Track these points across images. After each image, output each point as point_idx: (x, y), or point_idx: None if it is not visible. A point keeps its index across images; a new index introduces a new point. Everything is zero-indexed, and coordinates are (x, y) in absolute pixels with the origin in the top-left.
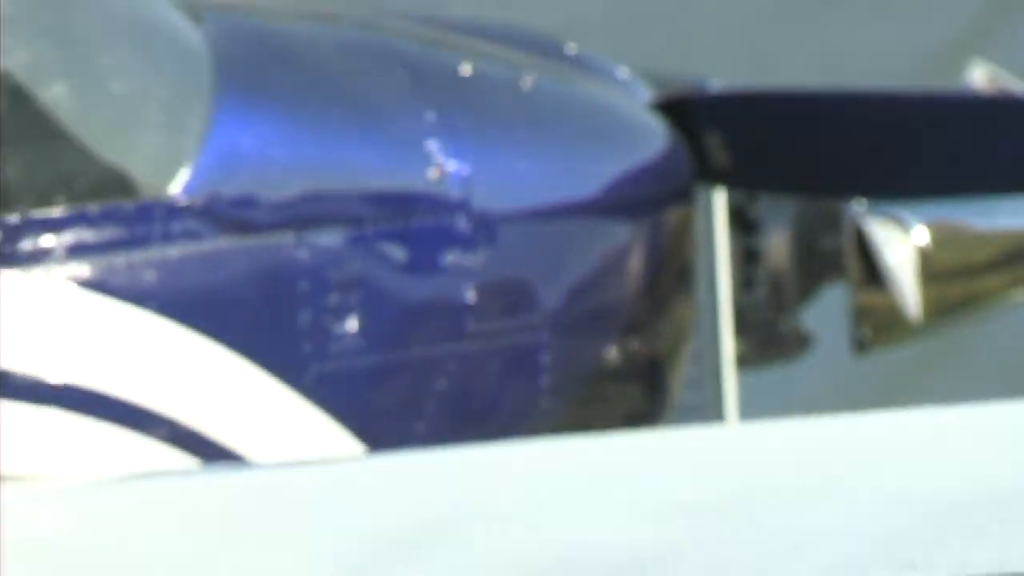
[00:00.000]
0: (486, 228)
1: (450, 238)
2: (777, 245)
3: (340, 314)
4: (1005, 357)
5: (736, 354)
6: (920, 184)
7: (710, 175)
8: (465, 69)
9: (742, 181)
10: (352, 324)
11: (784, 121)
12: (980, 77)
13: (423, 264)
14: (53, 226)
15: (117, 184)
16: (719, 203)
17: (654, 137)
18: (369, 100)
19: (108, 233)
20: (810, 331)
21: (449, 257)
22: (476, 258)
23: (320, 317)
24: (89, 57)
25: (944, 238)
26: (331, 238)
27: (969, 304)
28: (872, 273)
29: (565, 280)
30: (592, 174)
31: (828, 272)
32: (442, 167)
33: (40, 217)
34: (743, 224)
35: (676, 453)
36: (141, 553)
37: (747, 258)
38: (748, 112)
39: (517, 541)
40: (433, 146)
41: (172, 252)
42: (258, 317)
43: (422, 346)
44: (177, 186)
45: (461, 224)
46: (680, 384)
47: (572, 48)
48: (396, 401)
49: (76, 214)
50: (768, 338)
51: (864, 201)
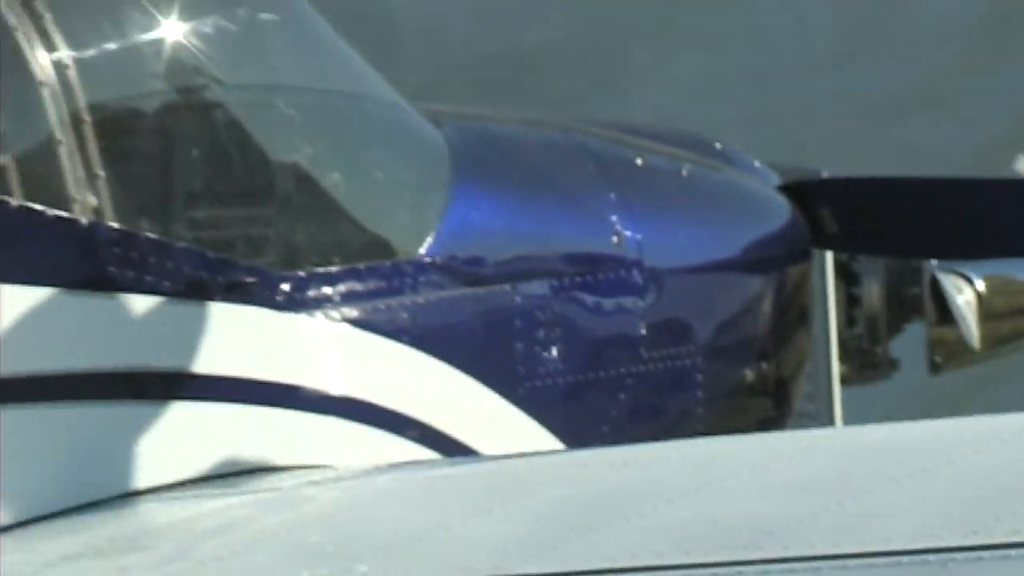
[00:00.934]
0: (655, 280)
1: (627, 287)
2: (872, 292)
3: (545, 345)
4: None
5: (841, 375)
6: (980, 247)
7: (822, 240)
8: (638, 161)
9: (846, 245)
10: (554, 352)
11: (877, 200)
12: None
13: (607, 307)
14: (331, 280)
15: (379, 248)
16: (829, 261)
17: (781, 212)
18: (566, 185)
19: (372, 285)
20: (897, 357)
21: (627, 302)
22: (647, 302)
23: (530, 347)
24: (359, 153)
25: (998, 287)
26: (539, 288)
27: (1017, 338)
28: (944, 314)
29: (714, 319)
30: (734, 239)
31: (911, 313)
32: (621, 234)
33: (322, 272)
34: (847, 276)
35: (797, 449)
36: (400, 520)
37: (850, 302)
38: (850, 193)
39: (674, 516)
40: (615, 219)
41: (419, 299)
42: (484, 347)
43: (607, 369)
44: (424, 249)
45: (636, 277)
46: (799, 397)
47: (719, 145)
48: (587, 410)
49: (348, 270)
50: (865, 363)
51: (938, 259)
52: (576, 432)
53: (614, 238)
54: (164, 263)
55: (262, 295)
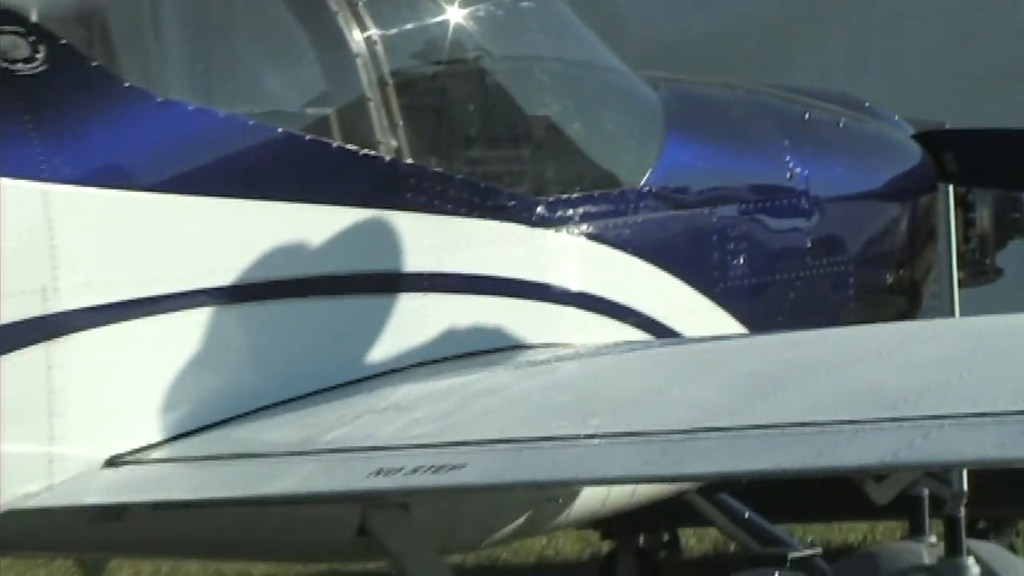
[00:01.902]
0: (818, 206)
1: (797, 211)
2: (983, 217)
3: (735, 254)
4: None
5: (959, 279)
6: None
7: (945, 177)
8: (806, 115)
9: (964, 180)
10: (741, 260)
11: (987, 145)
12: None
13: (782, 226)
14: (572, 203)
15: (609, 180)
16: (950, 192)
17: (914, 155)
18: (752, 133)
19: (603, 207)
20: (1001, 266)
21: (797, 222)
22: (812, 223)
23: (723, 256)
24: (594, 108)
25: None
26: (730, 211)
27: None
28: None
29: (862, 236)
30: (878, 175)
31: (1013, 232)
32: (793, 171)
33: (565, 197)
34: (964, 204)
35: (926, 335)
36: (623, 386)
37: (966, 224)
38: (966, 140)
39: (833, 383)
40: (788, 159)
41: (639, 218)
42: (688, 256)
43: (781, 273)
44: (643, 181)
45: (803, 203)
46: (927, 296)
47: (867, 103)
48: (767, 305)
49: (585, 196)
50: (978, 270)
51: None
52: (757, 321)
53: (788, 174)
54: (447, 190)
55: (521, 215)
